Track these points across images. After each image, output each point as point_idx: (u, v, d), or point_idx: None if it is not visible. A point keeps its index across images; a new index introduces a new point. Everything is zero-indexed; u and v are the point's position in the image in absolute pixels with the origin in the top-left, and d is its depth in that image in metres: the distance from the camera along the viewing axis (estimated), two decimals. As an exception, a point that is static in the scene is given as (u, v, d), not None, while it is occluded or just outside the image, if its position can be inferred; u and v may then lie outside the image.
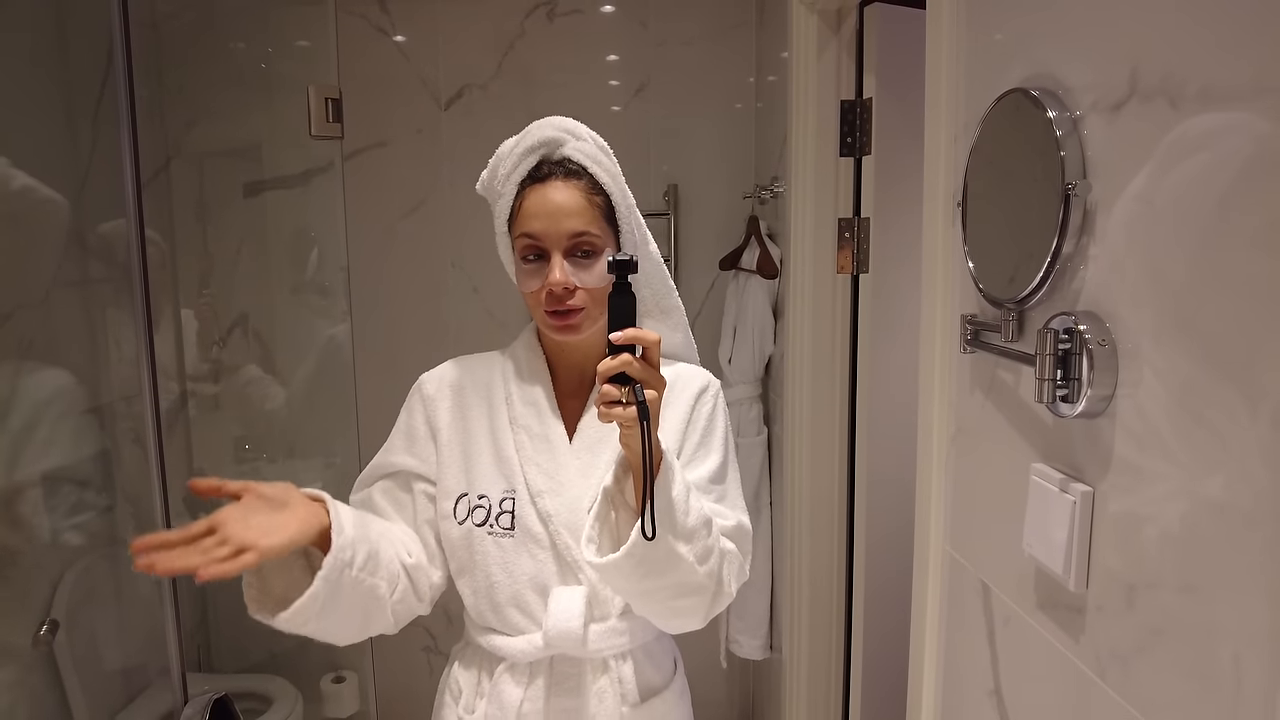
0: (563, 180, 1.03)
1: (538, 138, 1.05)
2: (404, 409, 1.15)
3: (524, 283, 1.04)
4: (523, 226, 1.03)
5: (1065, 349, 0.72)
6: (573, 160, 1.05)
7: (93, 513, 1.80)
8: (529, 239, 1.02)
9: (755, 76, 2.30)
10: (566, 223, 1.01)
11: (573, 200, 1.02)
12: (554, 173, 1.04)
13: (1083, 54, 0.74)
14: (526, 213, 1.03)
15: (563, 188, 1.03)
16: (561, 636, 1.03)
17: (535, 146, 1.04)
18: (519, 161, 1.05)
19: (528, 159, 1.05)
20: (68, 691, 1.64)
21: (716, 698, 2.51)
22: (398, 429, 1.14)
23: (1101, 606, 0.72)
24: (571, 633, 1.03)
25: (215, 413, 2.30)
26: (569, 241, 1.02)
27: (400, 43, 2.26)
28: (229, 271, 2.29)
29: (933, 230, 1.05)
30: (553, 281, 1.00)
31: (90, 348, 1.85)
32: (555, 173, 1.04)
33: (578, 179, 1.04)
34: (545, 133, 1.05)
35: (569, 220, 1.01)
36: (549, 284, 1.01)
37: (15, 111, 1.64)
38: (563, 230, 1.01)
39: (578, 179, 1.04)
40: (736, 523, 1.06)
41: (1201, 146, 0.59)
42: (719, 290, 2.34)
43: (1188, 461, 0.61)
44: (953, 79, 1.00)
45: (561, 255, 1.01)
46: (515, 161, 1.05)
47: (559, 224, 1.01)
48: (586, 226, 1.02)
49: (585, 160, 1.05)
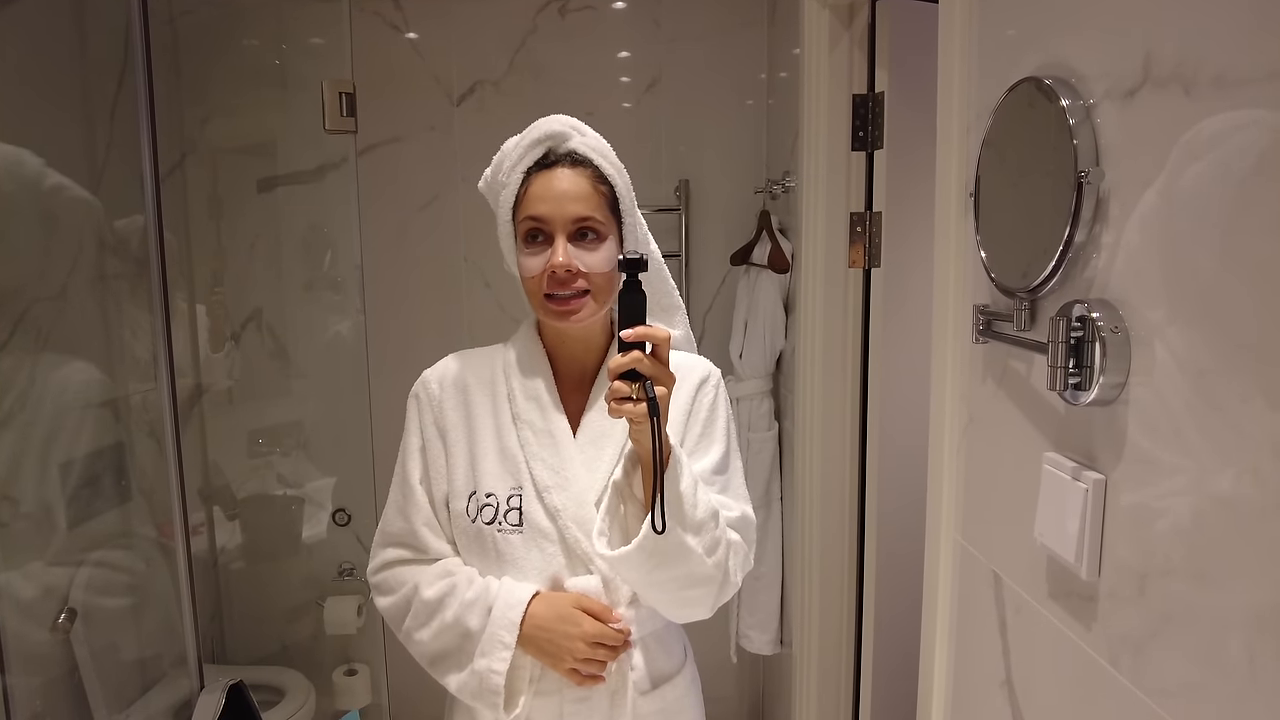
0: (569, 168, 1.05)
1: (544, 130, 1.06)
2: (410, 420, 1.14)
3: (526, 266, 1.04)
4: (527, 210, 1.04)
5: (1078, 336, 0.72)
6: (579, 152, 1.06)
7: (108, 504, 1.81)
8: (533, 221, 1.03)
9: (767, 73, 2.30)
10: (571, 207, 1.02)
11: (578, 186, 1.03)
12: (560, 161, 1.05)
13: (1096, 41, 0.74)
14: (532, 196, 1.04)
15: (569, 174, 1.04)
16: None
17: (541, 139, 1.06)
18: (524, 153, 1.06)
19: (533, 150, 1.06)
20: (84, 680, 1.65)
21: (727, 693, 2.51)
22: (411, 449, 1.13)
23: (1114, 594, 0.72)
24: None
25: (229, 407, 2.32)
26: (573, 225, 1.02)
27: (413, 40, 2.27)
28: (243, 267, 2.31)
29: (945, 221, 1.05)
30: (556, 263, 1.01)
31: (105, 342, 1.86)
32: (562, 161, 1.05)
33: (584, 167, 1.05)
34: (551, 126, 1.06)
35: (574, 204, 1.02)
36: (552, 265, 1.01)
37: (34, 107, 1.66)
38: (568, 214, 1.02)
39: (584, 167, 1.05)
40: (740, 513, 1.07)
41: (1218, 133, 0.59)
42: (730, 285, 2.34)
43: (1201, 449, 0.61)
44: (965, 69, 1.00)
45: (565, 239, 1.02)
46: (520, 154, 1.06)
47: (564, 207, 1.02)
48: (591, 212, 1.03)
49: (591, 153, 1.06)
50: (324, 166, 2.16)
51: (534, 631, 1.03)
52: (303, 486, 2.32)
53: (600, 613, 1.04)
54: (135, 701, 1.82)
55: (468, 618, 1.04)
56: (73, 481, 1.68)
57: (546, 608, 1.03)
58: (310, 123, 1.89)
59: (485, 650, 1.02)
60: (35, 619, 1.55)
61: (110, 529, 1.82)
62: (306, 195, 2.23)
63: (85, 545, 1.72)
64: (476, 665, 1.03)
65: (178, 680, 1.66)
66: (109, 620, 1.76)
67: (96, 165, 1.82)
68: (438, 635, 1.06)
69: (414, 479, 1.12)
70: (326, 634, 2.21)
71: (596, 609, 1.04)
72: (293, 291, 2.32)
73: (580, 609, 1.03)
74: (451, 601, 1.05)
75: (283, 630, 2.36)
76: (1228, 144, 0.58)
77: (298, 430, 2.33)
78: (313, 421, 2.33)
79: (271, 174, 2.26)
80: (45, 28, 1.72)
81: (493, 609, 1.04)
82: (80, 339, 1.78)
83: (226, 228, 2.28)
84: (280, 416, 2.33)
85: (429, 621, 1.07)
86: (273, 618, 2.37)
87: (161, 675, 1.90)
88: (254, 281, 2.31)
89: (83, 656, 1.65)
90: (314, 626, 2.26)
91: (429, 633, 1.07)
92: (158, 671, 1.90)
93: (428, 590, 1.07)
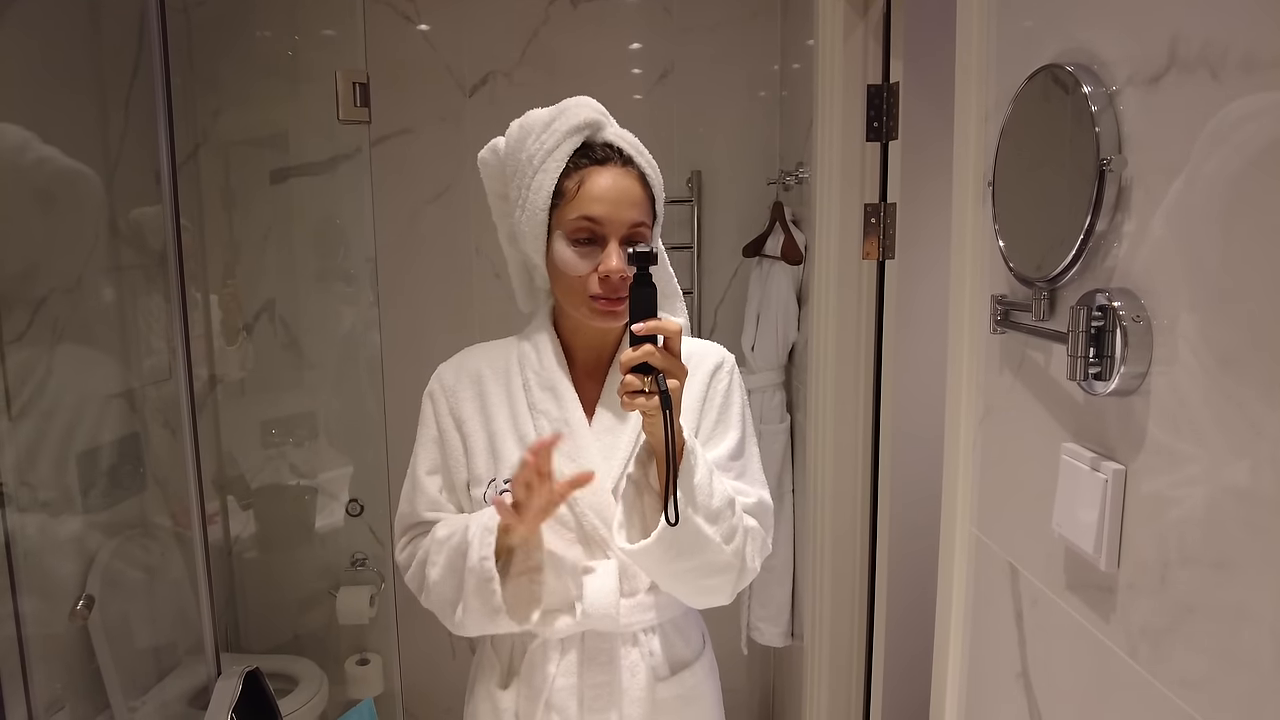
0: (621, 167, 1.04)
1: (582, 118, 1.04)
2: (425, 413, 1.14)
3: (571, 264, 1.03)
4: (582, 209, 1.02)
5: (1098, 326, 0.71)
6: (624, 150, 1.05)
7: (124, 493, 1.83)
8: (589, 221, 1.02)
9: (780, 64, 2.29)
10: (629, 211, 1.02)
11: (634, 189, 1.03)
12: (611, 157, 1.04)
13: (1119, 25, 0.73)
14: (588, 195, 1.02)
15: (623, 175, 1.04)
16: (598, 610, 1.04)
17: (580, 126, 1.04)
18: (562, 139, 1.04)
19: (573, 138, 1.04)
20: (101, 667, 1.67)
21: (738, 685, 2.52)
22: (423, 441, 1.13)
23: (1133, 585, 0.71)
24: (607, 608, 1.04)
25: (242, 398, 2.33)
26: (628, 230, 1.02)
27: (425, 31, 2.27)
28: (256, 258, 2.32)
29: (962, 210, 1.04)
30: (612, 269, 1.00)
31: (121, 332, 1.87)
32: (613, 158, 1.04)
33: (632, 168, 1.05)
34: (587, 114, 1.05)
35: (631, 210, 1.02)
36: (606, 270, 1.01)
37: (49, 96, 1.67)
38: (625, 218, 1.02)
39: (632, 168, 1.05)
40: (758, 499, 1.07)
41: (1247, 116, 0.58)
42: (742, 277, 2.33)
43: (1223, 440, 0.60)
44: (983, 56, 0.99)
45: (619, 244, 1.02)
46: (557, 139, 1.04)
47: (622, 212, 1.02)
48: (643, 217, 1.04)
49: (632, 151, 1.06)
50: (336, 158, 2.16)
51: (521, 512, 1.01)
52: (316, 477, 2.33)
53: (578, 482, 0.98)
54: (152, 688, 1.84)
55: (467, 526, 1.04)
56: (90, 471, 1.70)
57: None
58: (322, 114, 1.89)
59: (474, 544, 1.02)
60: (53, 606, 1.57)
61: (127, 518, 1.83)
62: (319, 187, 2.23)
63: (102, 534, 1.73)
64: (470, 562, 1.01)
65: (193, 667, 1.68)
66: (125, 608, 1.78)
67: (112, 155, 1.83)
68: (447, 564, 1.05)
69: (421, 471, 1.13)
70: (339, 623, 2.23)
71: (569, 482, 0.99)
72: (305, 283, 2.33)
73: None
74: (456, 531, 1.05)
75: (296, 620, 2.38)
76: (1258, 128, 0.57)
77: (311, 421, 2.34)
78: (326, 412, 2.34)
79: (284, 165, 2.27)
80: (61, 17, 1.72)
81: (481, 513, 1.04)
82: (97, 330, 1.79)
83: (239, 219, 2.29)
84: (293, 407, 2.34)
85: (439, 557, 1.06)
86: (286, 607, 2.38)
87: (177, 663, 1.92)
88: (267, 273, 2.32)
89: (100, 643, 1.67)
90: (327, 616, 2.27)
91: (439, 568, 1.05)
92: (173, 659, 1.92)
93: (440, 531, 1.08)
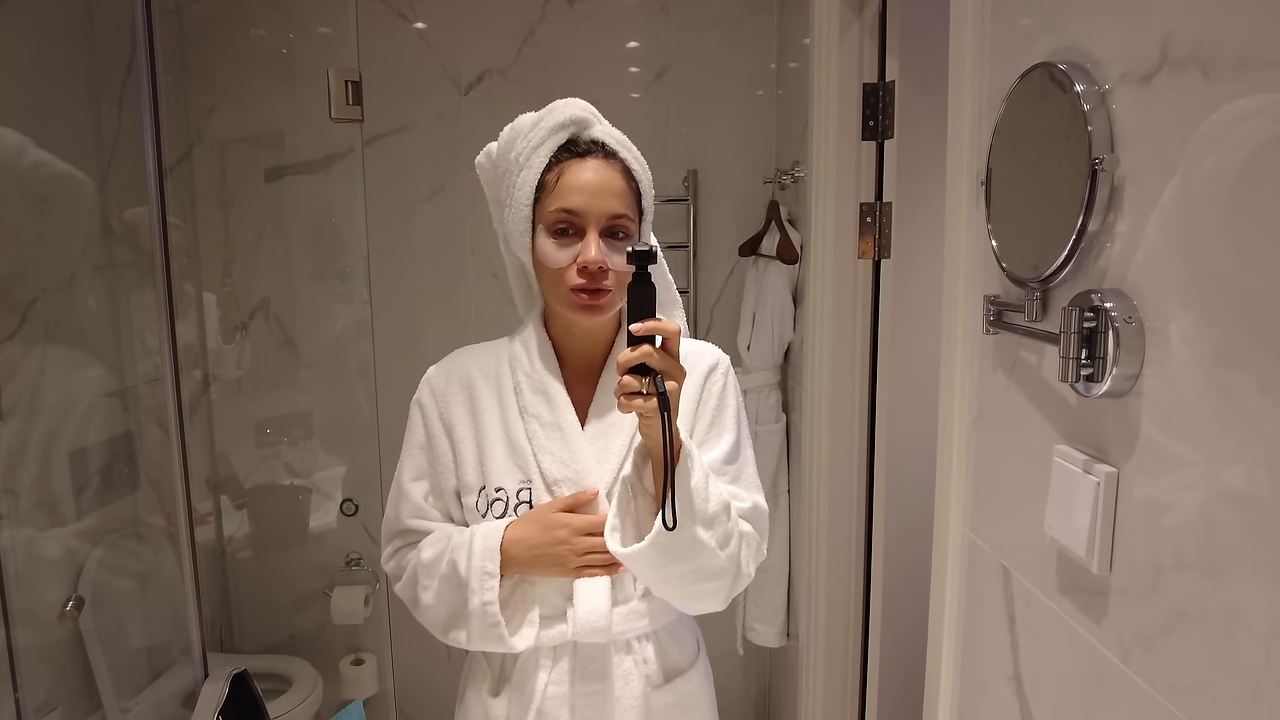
0: (603, 160, 1.03)
1: (568, 114, 1.04)
2: (413, 420, 1.13)
3: (552, 257, 1.02)
4: (561, 200, 1.02)
5: (1091, 327, 0.70)
6: (608, 144, 1.05)
7: (117, 493, 1.82)
8: (567, 213, 1.01)
9: (777, 63, 2.28)
10: (608, 202, 1.01)
11: (614, 181, 1.03)
12: (593, 150, 1.04)
13: (1111, 24, 0.72)
14: (567, 186, 1.02)
15: (604, 167, 1.03)
16: (589, 620, 1.03)
17: (566, 123, 1.04)
18: (547, 136, 1.03)
19: (557, 134, 1.04)
20: (93, 667, 1.66)
21: (733, 685, 2.51)
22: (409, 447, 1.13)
23: (1125, 589, 0.71)
24: (599, 617, 1.03)
25: (236, 397, 2.32)
26: (607, 221, 1.01)
27: (421, 29, 2.26)
28: (250, 257, 2.31)
29: (955, 210, 1.03)
30: (589, 259, 1.00)
31: (115, 332, 1.87)
32: (594, 151, 1.04)
33: (615, 160, 1.04)
34: (573, 111, 1.05)
35: (610, 200, 1.01)
36: (584, 261, 1.00)
37: (43, 95, 1.66)
38: (604, 209, 1.01)
39: (615, 160, 1.04)
40: (752, 504, 1.06)
41: (1240, 116, 0.57)
42: (738, 276, 2.32)
43: (1217, 442, 0.60)
44: (977, 55, 0.98)
45: (598, 234, 1.01)
46: (543, 136, 1.04)
47: (601, 202, 1.01)
48: (624, 209, 1.02)
49: (617, 145, 1.05)
50: (331, 156, 2.15)
51: (522, 552, 1.02)
52: (310, 476, 2.33)
53: (578, 503, 1.03)
54: (144, 689, 1.84)
55: (458, 561, 1.03)
56: (82, 471, 1.69)
57: (526, 526, 1.03)
58: (317, 112, 1.89)
59: (475, 588, 1.01)
60: (44, 606, 1.56)
61: (119, 518, 1.83)
62: (314, 185, 2.23)
63: (94, 534, 1.73)
64: (471, 605, 1.02)
65: (187, 667, 1.67)
66: (117, 608, 1.77)
67: (105, 154, 1.82)
68: (439, 593, 1.05)
69: (405, 478, 1.12)
70: (334, 623, 2.22)
71: (573, 503, 1.03)
72: (300, 281, 2.33)
73: (559, 509, 1.02)
74: (444, 555, 1.05)
75: (290, 619, 2.37)
76: (1250, 128, 0.56)
77: (305, 420, 2.34)
78: (320, 411, 2.33)
79: (279, 164, 2.26)
80: (54, 16, 1.71)
81: (473, 543, 1.03)
82: (89, 329, 1.78)
83: (234, 218, 2.28)
84: (288, 406, 2.34)
85: (430, 582, 1.06)
86: (280, 607, 2.38)
87: (170, 663, 1.92)
88: (261, 271, 2.31)
89: (91, 644, 1.66)
90: (321, 616, 2.27)
91: (432, 593, 1.05)
92: (167, 659, 1.91)
93: (425, 553, 1.07)
